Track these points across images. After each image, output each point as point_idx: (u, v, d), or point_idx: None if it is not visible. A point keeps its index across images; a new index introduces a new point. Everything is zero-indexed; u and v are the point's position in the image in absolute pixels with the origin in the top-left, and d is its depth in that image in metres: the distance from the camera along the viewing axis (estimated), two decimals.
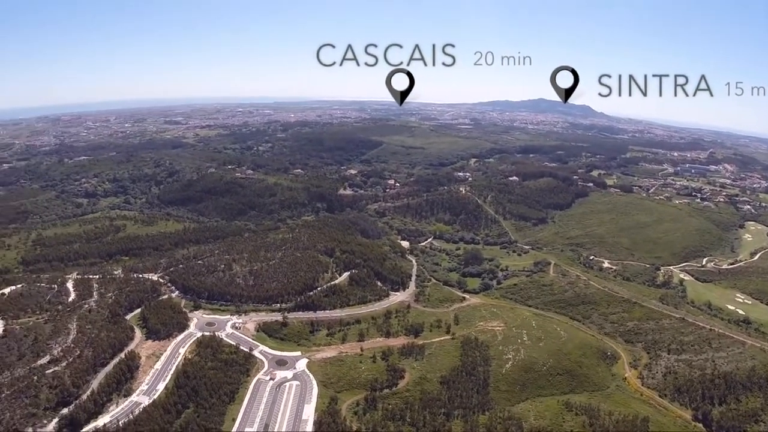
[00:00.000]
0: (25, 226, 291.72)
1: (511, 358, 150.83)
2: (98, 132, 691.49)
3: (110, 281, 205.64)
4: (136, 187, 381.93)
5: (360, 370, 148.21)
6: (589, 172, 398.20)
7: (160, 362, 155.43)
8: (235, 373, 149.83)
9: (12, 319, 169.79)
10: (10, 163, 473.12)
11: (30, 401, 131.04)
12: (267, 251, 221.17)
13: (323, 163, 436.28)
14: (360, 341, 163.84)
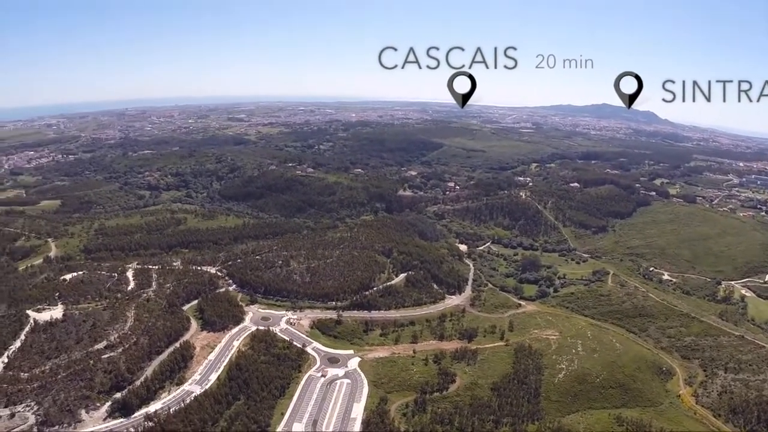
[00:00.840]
0: (89, 215, 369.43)
1: (564, 368, 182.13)
2: (162, 127, 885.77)
3: (169, 272, 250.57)
4: (198, 181, 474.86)
5: (411, 372, 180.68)
6: (652, 180, 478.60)
7: (213, 353, 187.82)
8: (287, 368, 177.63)
9: (72, 305, 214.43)
10: (75, 155, 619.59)
11: (85, 384, 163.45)
12: (325, 249, 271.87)
13: (383, 164, 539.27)
14: (413, 343, 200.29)
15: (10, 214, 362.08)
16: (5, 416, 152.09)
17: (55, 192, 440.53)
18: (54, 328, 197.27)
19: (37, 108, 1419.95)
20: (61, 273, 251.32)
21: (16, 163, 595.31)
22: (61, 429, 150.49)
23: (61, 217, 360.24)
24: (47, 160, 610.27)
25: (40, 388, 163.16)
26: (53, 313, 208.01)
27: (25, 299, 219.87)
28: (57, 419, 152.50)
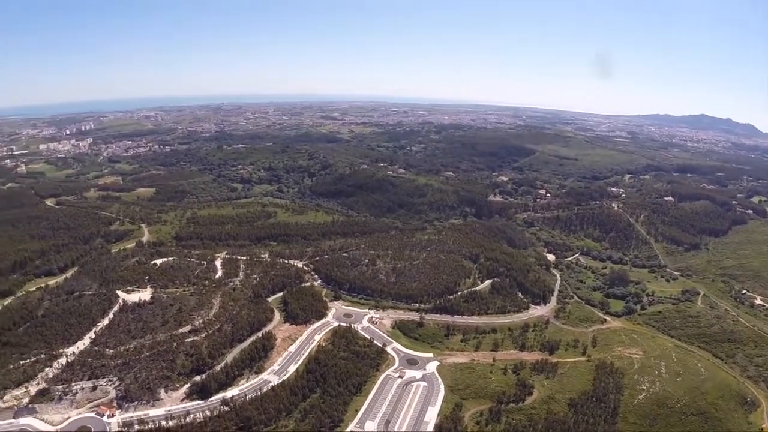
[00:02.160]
0: (182, 204, 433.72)
1: (645, 389, 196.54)
2: (256, 122, 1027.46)
3: (257, 263, 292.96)
4: (290, 177, 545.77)
5: (489, 380, 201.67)
6: (750, 197, 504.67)
7: (294, 346, 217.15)
8: (365, 366, 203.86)
9: (160, 288, 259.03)
10: (172, 146, 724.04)
11: (166, 365, 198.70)
12: (412, 251, 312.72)
13: (475, 168, 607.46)
14: (493, 351, 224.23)
15: (107, 199, 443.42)
16: (87, 388, 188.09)
17: (151, 180, 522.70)
18: (141, 309, 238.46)
19: (137, 100, 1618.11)
20: (152, 258, 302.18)
21: (114, 152, 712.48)
22: (139, 405, 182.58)
23: (155, 205, 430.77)
24: (144, 149, 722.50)
25: (123, 365, 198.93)
26: (142, 295, 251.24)
27: (116, 280, 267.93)
28: (136, 395, 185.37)
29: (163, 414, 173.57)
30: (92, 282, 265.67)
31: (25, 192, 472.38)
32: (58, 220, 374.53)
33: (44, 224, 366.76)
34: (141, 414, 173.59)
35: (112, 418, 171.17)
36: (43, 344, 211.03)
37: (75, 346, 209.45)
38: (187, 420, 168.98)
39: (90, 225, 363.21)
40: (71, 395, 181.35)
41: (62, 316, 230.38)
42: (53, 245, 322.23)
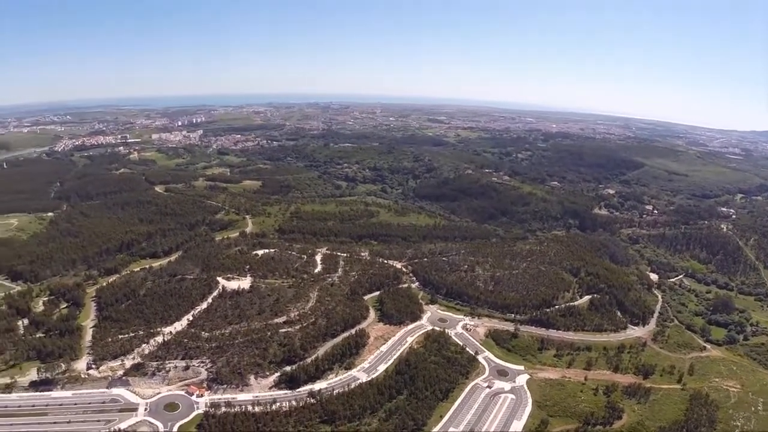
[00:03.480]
0: (286, 198, 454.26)
1: (739, 426, 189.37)
2: (363, 122, 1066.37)
3: (356, 261, 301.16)
4: (394, 178, 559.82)
5: (579, 399, 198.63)
6: None
7: (386, 345, 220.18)
8: (455, 372, 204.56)
9: (260, 278, 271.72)
10: (279, 142, 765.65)
11: (259, 352, 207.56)
12: (512, 260, 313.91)
13: (580, 179, 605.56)
14: (586, 370, 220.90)
15: (214, 189, 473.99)
16: (180, 367, 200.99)
17: (258, 173, 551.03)
18: (240, 297, 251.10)
19: (246, 96, 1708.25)
20: (254, 248, 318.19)
21: (223, 144, 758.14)
22: (228, 388, 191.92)
23: (261, 197, 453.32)
24: (252, 144, 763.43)
25: (216, 348, 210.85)
26: (241, 284, 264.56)
27: (217, 267, 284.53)
28: (227, 379, 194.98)
29: (250, 399, 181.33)
30: (194, 267, 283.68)
31: (136, 178, 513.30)
32: (166, 206, 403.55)
33: (152, 209, 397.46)
34: (229, 397, 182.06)
35: (201, 398, 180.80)
36: (142, 321, 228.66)
37: (172, 326, 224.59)
38: (273, 407, 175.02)
39: (196, 213, 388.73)
40: (164, 372, 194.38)
41: (163, 297, 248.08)
42: (160, 229, 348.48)
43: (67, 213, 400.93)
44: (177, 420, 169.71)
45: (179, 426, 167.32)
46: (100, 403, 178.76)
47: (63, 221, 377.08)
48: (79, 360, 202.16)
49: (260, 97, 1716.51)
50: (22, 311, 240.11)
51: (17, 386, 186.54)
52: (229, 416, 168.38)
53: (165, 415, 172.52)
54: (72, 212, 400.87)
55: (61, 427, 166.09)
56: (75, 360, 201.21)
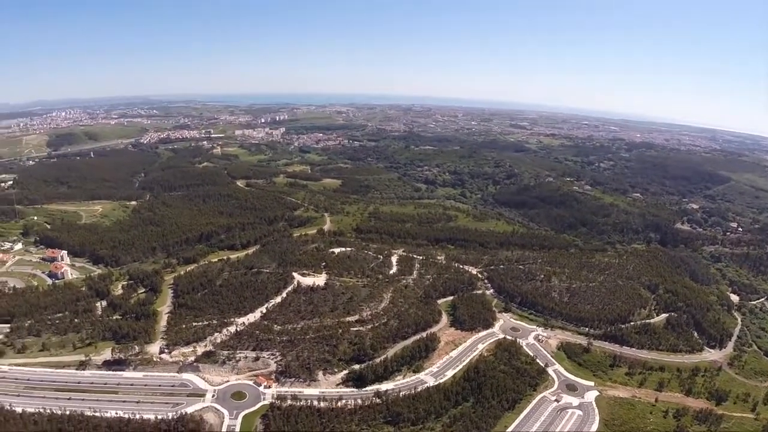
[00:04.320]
0: (365, 198, 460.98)
1: None
2: (445, 126, 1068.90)
3: (431, 264, 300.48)
4: (474, 182, 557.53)
5: (647, 421, 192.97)
6: None
7: (456, 351, 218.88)
8: (523, 383, 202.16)
9: (335, 276, 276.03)
10: (361, 142, 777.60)
11: (329, 349, 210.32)
12: (589, 272, 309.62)
13: (663, 191, 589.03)
14: (657, 391, 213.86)
15: (294, 186, 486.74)
16: (250, 357, 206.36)
17: (338, 172, 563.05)
18: (314, 293, 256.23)
19: (328, 96, 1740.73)
20: (331, 246, 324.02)
21: (305, 142, 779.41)
22: (296, 382, 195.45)
23: (340, 196, 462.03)
24: (334, 143, 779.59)
25: (287, 342, 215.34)
26: (316, 280, 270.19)
27: (293, 262, 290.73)
28: (295, 373, 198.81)
29: (316, 394, 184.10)
30: (271, 261, 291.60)
31: (218, 172, 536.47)
32: (247, 200, 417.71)
33: (233, 203, 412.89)
34: (296, 390, 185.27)
35: (268, 389, 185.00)
36: (216, 311, 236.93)
37: (246, 317, 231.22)
38: (339, 404, 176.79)
39: (276, 208, 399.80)
40: (234, 361, 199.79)
41: (238, 289, 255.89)
42: (239, 223, 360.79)
43: (150, 202, 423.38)
44: (243, 409, 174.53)
45: (244, 415, 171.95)
46: (169, 386, 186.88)
47: (145, 210, 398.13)
48: (152, 344, 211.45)
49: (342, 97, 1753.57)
50: (102, 293, 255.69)
51: (91, 364, 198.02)
52: (294, 409, 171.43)
53: (231, 403, 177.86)
54: (155, 202, 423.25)
55: (130, 406, 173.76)
56: (148, 343, 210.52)
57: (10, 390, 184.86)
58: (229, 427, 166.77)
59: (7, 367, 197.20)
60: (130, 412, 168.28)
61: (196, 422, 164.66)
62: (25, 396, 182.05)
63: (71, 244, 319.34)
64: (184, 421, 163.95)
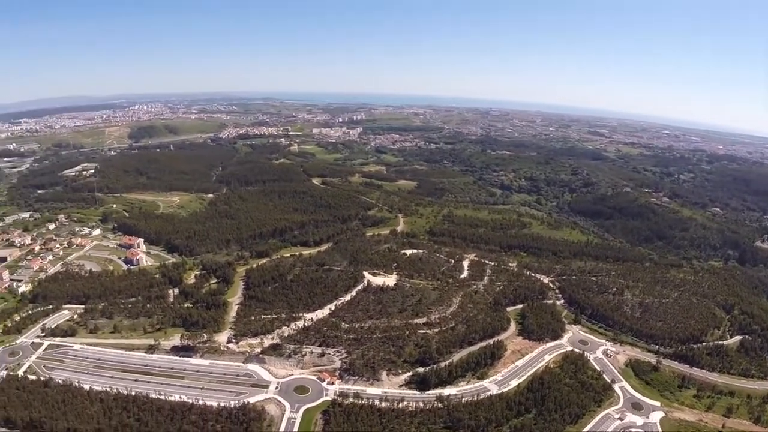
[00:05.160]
0: (440, 201, 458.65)
1: None
2: (522, 131, 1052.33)
3: (503, 271, 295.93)
4: (550, 189, 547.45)
5: None
6: None
7: (522, 360, 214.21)
8: (588, 399, 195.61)
9: (405, 277, 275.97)
10: (437, 144, 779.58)
11: (394, 350, 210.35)
12: (663, 287, 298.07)
13: (745, 207, 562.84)
14: (725, 416, 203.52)
15: (369, 186, 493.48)
16: (316, 353, 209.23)
17: (413, 174, 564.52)
18: (383, 293, 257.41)
19: (405, 97, 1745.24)
20: (403, 247, 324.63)
21: (381, 143, 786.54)
22: (359, 380, 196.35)
23: (414, 198, 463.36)
24: (410, 144, 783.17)
25: (354, 340, 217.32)
26: (386, 281, 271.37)
27: (365, 262, 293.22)
28: (359, 371, 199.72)
29: (378, 394, 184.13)
30: (343, 259, 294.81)
31: (294, 169, 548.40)
32: (321, 198, 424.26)
33: (308, 200, 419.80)
34: (358, 389, 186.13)
35: (331, 386, 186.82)
36: (285, 305, 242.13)
37: (314, 313, 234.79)
38: (400, 406, 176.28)
39: (350, 207, 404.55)
40: (299, 356, 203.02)
41: (309, 285, 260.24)
42: (313, 220, 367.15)
43: (226, 196, 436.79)
44: (305, 403, 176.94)
45: (306, 409, 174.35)
46: (234, 375, 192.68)
47: (221, 203, 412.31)
48: (220, 333, 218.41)
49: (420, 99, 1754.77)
50: (174, 281, 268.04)
51: (160, 349, 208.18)
52: (356, 407, 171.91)
53: (294, 396, 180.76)
54: (231, 195, 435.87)
55: (194, 392, 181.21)
56: (217, 332, 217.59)
57: (80, 368, 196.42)
58: (290, 420, 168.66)
59: (79, 346, 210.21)
60: (194, 398, 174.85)
61: (257, 412, 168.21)
62: (94, 374, 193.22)
63: (148, 233, 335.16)
64: (246, 411, 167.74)
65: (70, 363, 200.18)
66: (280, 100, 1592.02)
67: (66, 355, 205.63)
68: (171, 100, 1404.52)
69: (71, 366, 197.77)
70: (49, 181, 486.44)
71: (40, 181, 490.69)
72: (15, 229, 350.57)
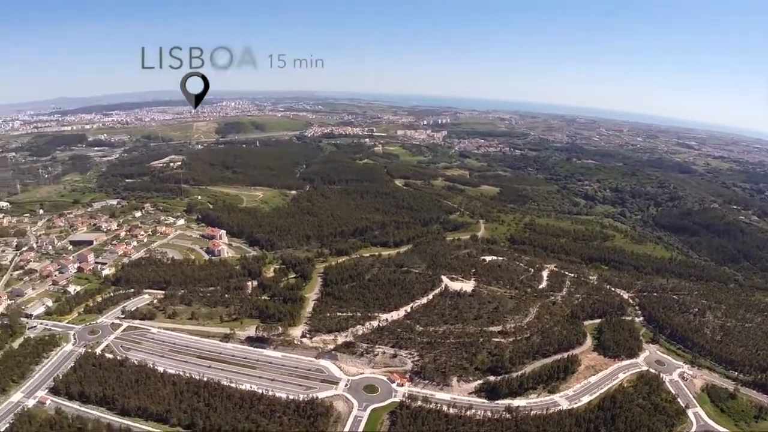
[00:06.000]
0: (522, 209, 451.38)
1: None
2: (609, 140, 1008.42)
3: (582, 284, 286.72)
4: (635, 202, 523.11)
5: None
6: None
7: (595, 377, 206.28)
8: (660, 422, 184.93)
9: (483, 284, 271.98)
10: (522, 151, 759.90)
11: (467, 357, 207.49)
12: (747, 311, 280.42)
13: None
14: None
15: (452, 190, 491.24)
16: (388, 354, 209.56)
17: (496, 180, 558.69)
18: (460, 298, 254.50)
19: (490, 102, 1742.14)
20: (483, 253, 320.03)
21: (465, 147, 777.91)
22: (429, 384, 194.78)
23: (496, 204, 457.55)
24: (495, 150, 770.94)
25: (427, 344, 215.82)
26: (464, 286, 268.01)
27: (443, 266, 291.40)
28: (429, 375, 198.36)
29: (447, 400, 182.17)
30: (422, 262, 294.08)
31: (378, 169, 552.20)
32: (403, 199, 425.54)
33: (390, 201, 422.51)
34: (428, 393, 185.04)
35: (401, 387, 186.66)
36: (361, 304, 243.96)
37: (389, 314, 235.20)
38: (468, 413, 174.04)
39: (431, 210, 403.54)
40: (372, 355, 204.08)
41: (386, 285, 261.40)
42: (394, 221, 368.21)
43: (309, 193, 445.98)
44: (373, 402, 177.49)
45: (373, 408, 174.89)
46: (305, 369, 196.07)
47: (304, 200, 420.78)
48: (295, 327, 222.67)
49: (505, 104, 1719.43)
50: (254, 274, 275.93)
51: (235, 338, 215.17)
52: (423, 411, 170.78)
53: (363, 395, 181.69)
54: (314, 193, 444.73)
55: (264, 382, 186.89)
56: (292, 326, 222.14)
57: (155, 350, 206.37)
58: (356, 418, 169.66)
59: (156, 330, 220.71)
60: (264, 388, 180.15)
61: (325, 408, 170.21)
62: (169, 358, 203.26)
63: (230, 225, 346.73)
64: (314, 405, 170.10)
65: (147, 345, 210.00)
66: (365, 100, 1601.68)
67: (143, 337, 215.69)
68: (258, 97, 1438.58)
69: (147, 348, 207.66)
70: (138, 171, 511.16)
71: (129, 171, 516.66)
72: (102, 215, 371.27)
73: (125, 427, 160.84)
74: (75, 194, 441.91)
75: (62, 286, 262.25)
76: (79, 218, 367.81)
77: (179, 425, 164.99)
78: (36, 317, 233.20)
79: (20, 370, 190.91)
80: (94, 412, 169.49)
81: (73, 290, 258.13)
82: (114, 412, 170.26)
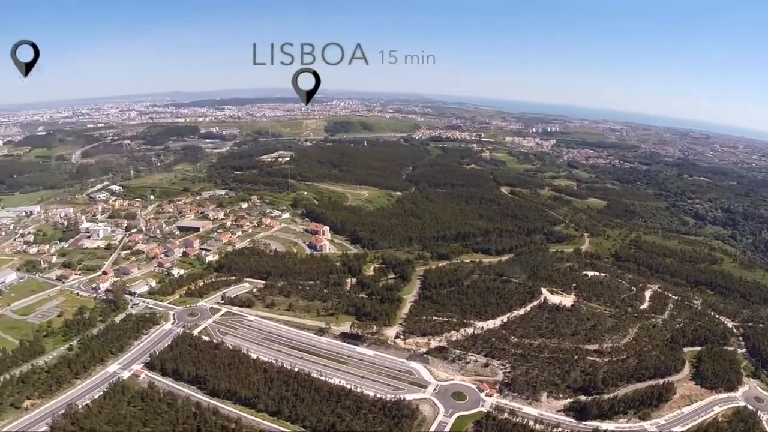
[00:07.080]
0: (629, 224, 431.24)
1: None
2: (723, 157, 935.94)
3: (685, 307, 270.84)
4: (747, 224, 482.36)
5: None
6: None
7: (689, 408, 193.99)
8: None
9: (583, 300, 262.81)
10: (632, 164, 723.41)
11: (560, 373, 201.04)
12: None
13: None
14: None
15: (557, 200, 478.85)
16: (480, 362, 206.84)
17: (604, 193, 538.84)
18: (558, 313, 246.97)
19: (601, 111, 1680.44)
20: (585, 268, 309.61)
21: (574, 157, 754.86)
22: (518, 397, 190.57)
23: (603, 218, 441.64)
24: (604, 161, 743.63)
25: (520, 356, 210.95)
26: (564, 300, 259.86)
27: (544, 278, 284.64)
28: (519, 388, 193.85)
29: (534, 415, 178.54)
30: (522, 272, 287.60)
31: (484, 175, 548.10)
32: (508, 207, 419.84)
33: (494, 208, 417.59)
34: (516, 406, 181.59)
35: (489, 398, 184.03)
36: (458, 310, 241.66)
37: (485, 322, 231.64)
38: (554, 431, 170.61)
39: (536, 220, 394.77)
40: (463, 362, 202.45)
41: (484, 293, 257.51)
42: (497, 228, 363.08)
43: (414, 195, 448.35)
44: (459, 410, 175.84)
45: (459, 416, 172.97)
46: (395, 370, 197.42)
47: (408, 202, 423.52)
48: (390, 327, 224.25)
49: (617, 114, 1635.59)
50: (354, 271, 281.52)
51: (329, 333, 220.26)
52: (509, 424, 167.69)
53: (450, 401, 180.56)
54: (418, 195, 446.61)
55: (353, 379, 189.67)
56: (387, 326, 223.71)
57: (251, 337, 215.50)
58: (441, 424, 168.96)
59: (253, 317, 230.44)
60: (353, 384, 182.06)
61: (411, 410, 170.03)
62: (263, 346, 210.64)
63: (334, 222, 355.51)
64: (400, 406, 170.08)
65: (243, 331, 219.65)
66: (474, 105, 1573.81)
67: (240, 323, 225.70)
68: (367, 97, 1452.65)
69: (243, 334, 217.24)
70: (246, 164, 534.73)
71: (238, 163, 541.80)
72: (210, 204, 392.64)
73: (213, 407, 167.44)
74: (185, 183, 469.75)
75: (166, 269, 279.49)
76: (187, 205, 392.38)
77: (265, 411, 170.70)
78: (139, 295, 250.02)
79: (119, 343, 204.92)
80: (186, 390, 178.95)
81: (176, 273, 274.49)
82: (204, 392, 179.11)
